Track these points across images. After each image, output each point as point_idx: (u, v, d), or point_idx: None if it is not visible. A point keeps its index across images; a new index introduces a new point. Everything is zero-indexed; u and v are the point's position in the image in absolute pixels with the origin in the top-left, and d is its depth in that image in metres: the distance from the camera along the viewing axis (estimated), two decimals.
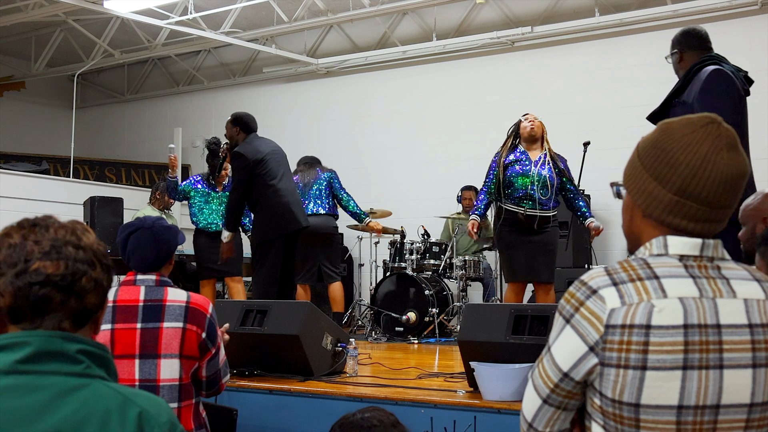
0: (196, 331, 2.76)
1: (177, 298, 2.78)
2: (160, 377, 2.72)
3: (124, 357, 2.70)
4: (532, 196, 5.32)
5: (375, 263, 8.01)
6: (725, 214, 1.45)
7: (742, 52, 6.49)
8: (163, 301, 2.76)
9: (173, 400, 2.73)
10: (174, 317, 2.74)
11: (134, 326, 2.72)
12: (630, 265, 1.43)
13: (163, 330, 2.73)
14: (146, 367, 2.70)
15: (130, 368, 2.70)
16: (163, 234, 2.84)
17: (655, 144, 1.47)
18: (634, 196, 1.50)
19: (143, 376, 2.70)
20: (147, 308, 2.74)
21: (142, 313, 2.74)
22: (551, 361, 1.45)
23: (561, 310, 1.46)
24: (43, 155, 10.63)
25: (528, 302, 6.15)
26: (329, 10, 9.20)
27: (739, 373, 1.36)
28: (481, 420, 3.25)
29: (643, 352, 1.35)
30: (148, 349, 2.71)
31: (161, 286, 2.80)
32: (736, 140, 1.44)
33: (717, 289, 1.40)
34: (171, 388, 2.73)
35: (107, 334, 2.72)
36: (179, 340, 2.73)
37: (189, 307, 2.77)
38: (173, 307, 2.76)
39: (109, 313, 2.72)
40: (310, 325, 4.04)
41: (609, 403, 1.39)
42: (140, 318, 2.73)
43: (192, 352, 2.77)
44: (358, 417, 1.87)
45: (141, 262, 2.81)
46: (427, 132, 9.22)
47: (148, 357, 2.71)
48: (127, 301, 2.75)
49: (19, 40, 10.74)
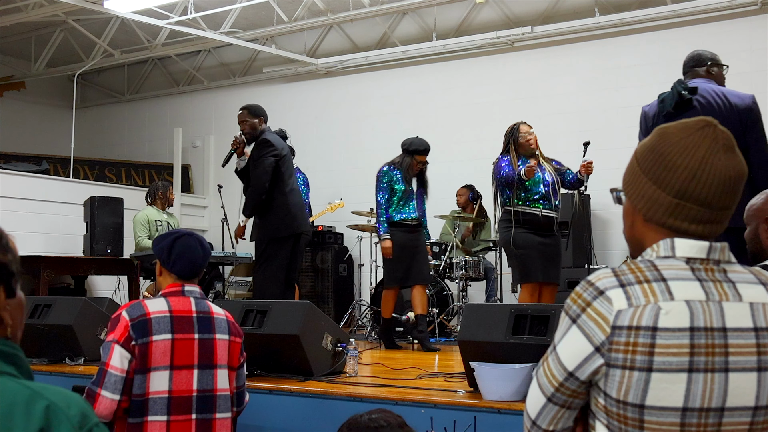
0: (238, 341, 2.88)
1: (218, 311, 2.88)
2: (217, 387, 2.77)
3: (183, 367, 2.72)
4: (547, 197, 5.45)
5: (375, 263, 8.00)
6: (725, 215, 1.46)
7: (742, 52, 6.49)
8: (210, 313, 2.83)
9: (227, 410, 2.80)
10: (222, 329, 2.82)
11: (192, 336, 2.75)
12: (637, 267, 1.44)
13: (217, 341, 2.79)
14: (204, 378, 2.75)
15: (188, 378, 2.72)
16: (205, 242, 2.95)
17: (653, 149, 1.48)
18: (634, 201, 1.51)
19: (201, 387, 2.74)
20: (200, 320, 2.79)
21: (197, 324, 2.77)
22: (556, 360, 1.46)
23: (567, 309, 1.47)
24: (43, 155, 10.63)
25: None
26: (329, 10, 9.20)
27: (744, 377, 1.37)
28: (481, 420, 3.25)
29: (649, 354, 1.36)
30: (205, 360, 2.75)
31: (203, 299, 2.88)
32: (732, 142, 1.46)
33: (723, 293, 1.41)
34: (225, 398, 2.80)
35: (167, 344, 2.69)
36: (227, 351, 2.82)
37: (229, 320, 2.88)
38: (220, 320, 2.84)
39: (167, 324, 2.71)
40: (310, 325, 4.04)
41: (613, 403, 1.39)
42: (196, 329, 2.76)
43: (235, 363, 2.86)
44: (366, 418, 1.87)
45: (190, 265, 2.84)
46: (426, 132, 9.15)
47: (205, 367, 2.75)
48: (182, 311, 2.77)
49: (19, 40, 10.74)
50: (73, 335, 4.57)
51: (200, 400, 2.71)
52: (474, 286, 8.05)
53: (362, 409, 2.05)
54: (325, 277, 8.99)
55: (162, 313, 2.72)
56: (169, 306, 2.75)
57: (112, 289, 8.41)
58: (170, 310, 2.74)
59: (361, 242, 8.52)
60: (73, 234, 8.68)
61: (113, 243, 8.10)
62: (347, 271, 9.14)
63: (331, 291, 8.94)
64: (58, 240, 8.83)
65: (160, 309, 2.73)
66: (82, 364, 4.54)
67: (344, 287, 9.09)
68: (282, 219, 5.80)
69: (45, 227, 8.74)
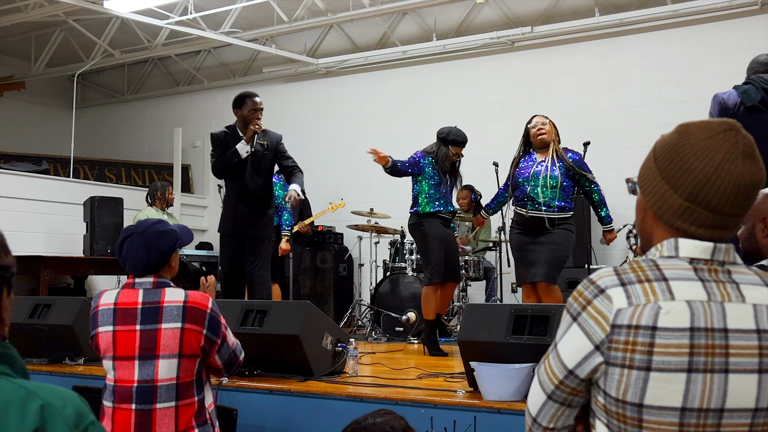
0: (196, 330, 2.79)
1: (174, 298, 2.82)
2: (158, 377, 2.75)
3: (124, 358, 2.77)
4: (533, 198, 5.28)
5: (375, 263, 8.01)
6: (736, 222, 1.45)
7: (742, 52, 6.48)
8: (160, 303, 2.81)
9: (170, 399, 2.76)
10: (172, 318, 2.79)
11: (134, 328, 2.78)
12: (639, 266, 1.44)
13: (162, 331, 2.77)
14: (145, 368, 2.75)
15: (130, 369, 2.76)
16: (154, 240, 2.86)
17: (671, 147, 1.46)
18: (646, 197, 1.50)
19: (142, 377, 2.75)
20: (145, 310, 2.79)
21: (140, 315, 2.79)
22: (557, 358, 1.46)
23: (569, 308, 1.47)
24: (43, 155, 10.63)
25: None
26: (329, 10, 9.20)
27: (745, 378, 1.36)
28: (481, 420, 3.25)
29: (648, 353, 1.36)
30: (147, 351, 2.76)
31: (159, 288, 2.84)
32: (753, 148, 1.43)
33: (726, 294, 1.40)
34: (168, 387, 2.76)
35: (109, 336, 2.79)
36: (178, 340, 2.77)
37: (186, 306, 2.80)
38: (170, 308, 2.80)
39: (110, 316, 2.81)
40: (310, 325, 4.04)
41: (613, 402, 1.39)
42: (139, 320, 2.78)
43: (193, 351, 2.80)
44: (370, 422, 1.85)
45: (134, 267, 2.87)
46: (427, 132, 9.17)
47: (147, 358, 2.76)
48: (127, 304, 2.82)
49: (19, 40, 10.74)
50: (73, 335, 4.57)
51: (140, 390, 2.73)
52: (474, 286, 8.05)
53: (362, 409, 2.05)
54: (325, 277, 8.99)
55: (107, 305, 2.84)
56: (116, 299, 2.84)
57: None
58: (115, 302, 2.83)
59: (361, 242, 8.52)
60: (73, 234, 8.68)
61: (113, 243, 8.09)
62: (347, 271, 9.14)
63: (331, 291, 8.94)
64: (58, 240, 8.83)
65: (107, 301, 2.85)
66: (82, 364, 4.54)
67: (344, 287, 9.10)
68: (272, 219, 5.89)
69: (45, 227, 8.74)
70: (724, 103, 4.29)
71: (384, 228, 7.84)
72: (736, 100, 4.26)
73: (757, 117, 4.20)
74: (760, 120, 4.19)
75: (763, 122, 4.18)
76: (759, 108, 4.19)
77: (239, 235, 5.67)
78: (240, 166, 5.65)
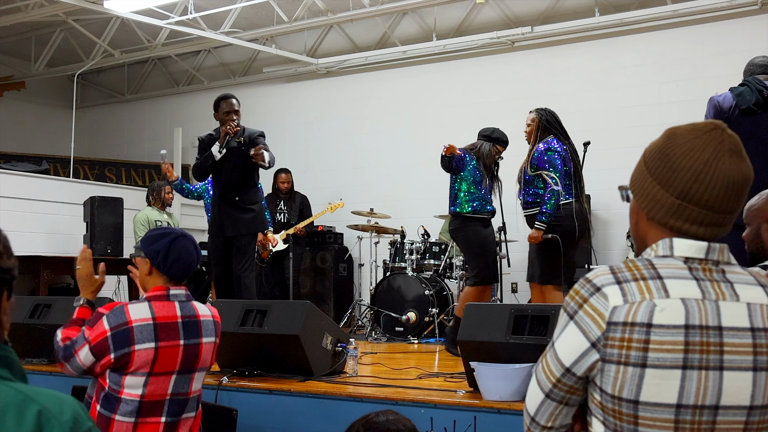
0: (218, 343, 2.88)
1: (205, 312, 2.83)
2: (192, 390, 2.77)
3: (162, 374, 2.68)
4: (519, 199, 5.42)
5: (375, 263, 8.01)
6: (729, 218, 1.47)
7: (742, 52, 6.48)
8: (197, 317, 2.78)
9: (193, 410, 2.80)
10: (208, 332, 2.80)
11: (178, 343, 2.70)
12: (635, 265, 1.46)
13: (203, 345, 2.77)
14: (181, 382, 2.72)
15: (165, 384, 2.69)
16: (197, 243, 2.88)
17: (659, 149, 1.50)
18: (639, 199, 1.53)
19: (176, 390, 2.72)
20: (186, 324, 2.74)
21: (182, 329, 2.72)
22: (554, 356, 1.48)
23: (565, 306, 1.49)
24: (43, 155, 10.63)
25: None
26: (329, 10, 9.20)
27: (740, 376, 1.38)
28: (481, 420, 3.25)
29: (643, 350, 1.37)
30: (187, 365, 2.73)
31: (189, 301, 2.82)
32: (739, 146, 1.46)
33: (720, 292, 1.42)
34: (195, 398, 2.81)
35: (150, 353, 2.64)
36: (212, 353, 2.82)
37: (215, 321, 2.85)
38: (207, 322, 2.81)
39: (150, 332, 2.65)
40: (310, 325, 4.04)
41: (609, 399, 1.41)
42: (182, 335, 2.71)
43: (213, 362, 2.88)
44: (383, 419, 1.87)
45: (185, 269, 2.79)
46: (427, 132, 9.22)
47: (185, 372, 2.73)
48: (167, 318, 2.71)
49: (19, 40, 10.74)
50: None
51: (172, 403, 2.70)
52: None
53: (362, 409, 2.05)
54: (325, 277, 8.99)
55: (145, 321, 2.65)
56: (152, 313, 2.67)
57: (112, 290, 8.41)
58: (153, 317, 2.66)
59: (361, 242, 8.52)
60: (73, 234, 8.68)
61: (113, 243, 8.10)
62: (347, 271, 9.14)
63: (331, 291, 8.94)
64: (58, 240, 8.83)
65: (143, 316, 2.65)
66: None
67: (344, 287, 9.10)
68: (260, 214, 5.79)
69: (45, 227, 8.74)
70: (719, 106, 4.30)
71: (384, 228, 7.84)
72: (731, 102, 4.26)
73: (752, 119, 4.20)
74: (755, 122, 4.19)
75: (758, 124, 4.19)
76: (754, 110, 4.19)
77: (225, 234, 5.66)
78: (219, 167, 5.66)
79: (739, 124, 4.01)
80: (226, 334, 3.27)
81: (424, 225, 7.54)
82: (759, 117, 4.20)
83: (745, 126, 3.99)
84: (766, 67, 4.45)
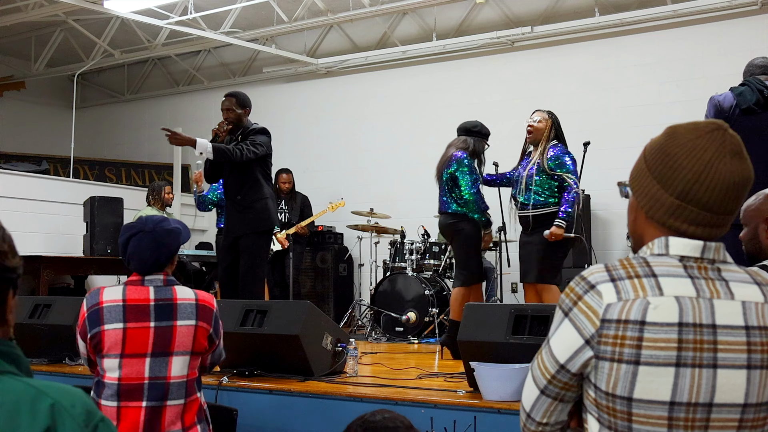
0: (205, 328, 2.83)
1: (186, 296, 2.83)
2: (171, 374, 2.75)
3: (134, 356, 2.73)
4: (516, 198, 5.41)
5: (375, 263, 8.01)
6: (727, 219, 1.47)
7: (741, 52, 6.49)
8: (173, 300, 2.80)
9: (180, 397, 2.77)
10: (186, 315, 2.79)
11: (147, 325, 2.74)
12: (630, 263, 1.46)
13: (177, 328, 2.77)
14: (156, 365, 2.73)
15: (139, 366, 2.72)
16: (164, 238, 2.84)
17: (660, 147, 1.49)
18: (638, 197, 1.52)
19: (153, 374, 2.73)
20: (159, 307, 2.77)
21: (154, 312, 2.76)
22: (549, 353, 1.49)
23: (560, 304, 1.50)
24: (43, 155, 10.63)
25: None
26: (329, 10, 9.20)
27: (733, 374, 1.38)
28: (481, 420, 3.25)
29: (636, 347, 1.38)
30: (160, 348, 2.74)
31: (169, 286, 2.83)
32: (740, 147, 1.46)
33: (715, 290, 1.42)
34: (179, 384, 2.77)
35: (118, 333, 2.72)
36: (191, 337, 2.79)
37: (198, 304, 2.83)
38: (184, 305, 2.80)
39: (119, 313, 2.74)
40: (310, 325, 4.04)
41: (603, 395, 1.42)
42: (153, 317, 2.75)
43: (201, 348, 2.83)
44: (379, 418, 1.87)
45: (140, 265, 2.82)
46: (427, 132, 9.22)
47: (159, 355, 2.74)
48: (138, 300, 2.76)
49: (19, 40, 10.74)
50: (72, 335, 4.53)
51: (151, 387, 2.71)
52: None
53: (362, 409, 2.05)
54: (325, 277, 9.00)
55: (115, 302, 2.75)
56: (124, 295, 2.77)
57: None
58: (124, 299, 2.76)
59: (361, 242, 8.52)
60: (73, 234, 8.68)
61: (113, 243, 8.09)
62: (347, 271, 9.14)
63: (331, 291, 8.95)
64: (58, 240, 8.83)
65: (113, 298, 2.76)
66: (81, 365, 4.53)
67: (344, 287, 9.10)
68: (264, 211, 5.60)
69: (45, 227, 8.74)
70: (719, 106, 4.30)
71: (384, 228, 7.84)
72: (732, 102, 4.26)
73: (753, 119, 4.20)
74: (756, 122, 4.19)
75: (758, 124, 4.19)
76: (754, 110, 4.19)
77: (230, 234, 5.64)
78: (220, 168, 5.70)
79: (740, 124, 4.01)
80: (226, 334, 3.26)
81: (424, 225, 7.54)
82: (759, 117, 4.21)
83: (745, 126, 3.99)
84: (766, 67, 4.46)
